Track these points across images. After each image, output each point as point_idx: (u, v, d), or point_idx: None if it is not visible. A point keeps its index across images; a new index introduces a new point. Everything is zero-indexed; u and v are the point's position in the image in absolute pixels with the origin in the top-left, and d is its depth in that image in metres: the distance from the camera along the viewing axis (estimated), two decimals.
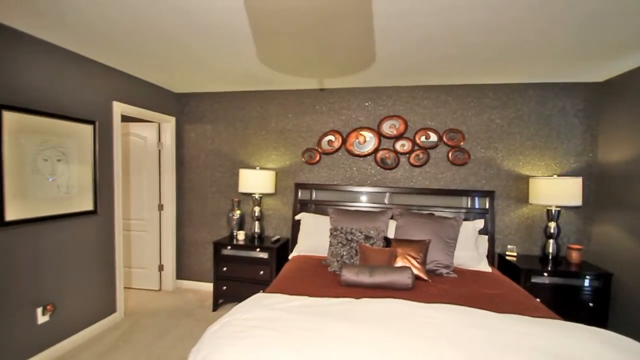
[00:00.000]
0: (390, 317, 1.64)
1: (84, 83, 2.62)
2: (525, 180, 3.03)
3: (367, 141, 3.27)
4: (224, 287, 3.21)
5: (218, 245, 3.21)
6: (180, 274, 3.88)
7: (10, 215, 2.12)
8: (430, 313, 1.69)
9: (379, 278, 2.15)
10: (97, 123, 2.73)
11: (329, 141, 3.36)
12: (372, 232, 2.64)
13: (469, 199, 3.11)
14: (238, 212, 3.45)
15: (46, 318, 2.37)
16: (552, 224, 2.83)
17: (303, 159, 3.45)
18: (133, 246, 3.77)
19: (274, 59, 2.56)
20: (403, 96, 3.23)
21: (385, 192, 3.24)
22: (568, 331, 1.54)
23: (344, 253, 2.56)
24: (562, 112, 2.97)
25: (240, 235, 3.34)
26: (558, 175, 2.90)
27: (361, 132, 3.28)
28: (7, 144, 2.09)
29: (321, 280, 2.33)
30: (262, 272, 3.09)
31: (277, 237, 3.38)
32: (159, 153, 3.72)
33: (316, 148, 3.42)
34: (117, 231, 3.00)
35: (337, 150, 3.36)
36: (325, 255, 2.85)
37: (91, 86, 2.69)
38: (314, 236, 2.99)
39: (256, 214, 3.38)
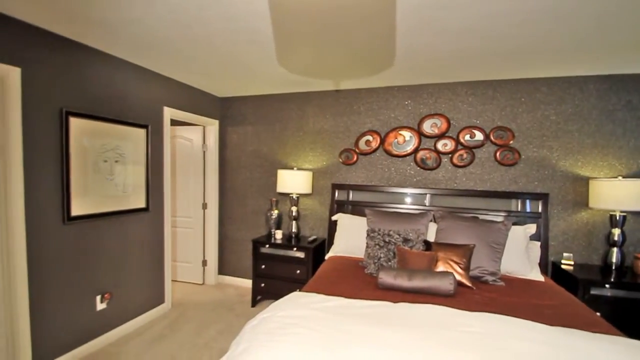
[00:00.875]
0: (430, 323, 1.58)
1: (138, 90, 2.84)
2: (584, 182, 2.76)
3: (407, 141, 3.18)
4: (262, 284, 3.30)
5: (257, 244, 3.31)
6: (222, 270, 4.06)
7: (75, 211, 2.36)
8: (473, 322, 1.60)
9: (418, 282, 2.08)
10: (149, 127, 2.94)
11: (367, 141, 3.32)
12: (411, 234, 2.56)
13: (519, 201, 2.90)
14: (276, 211, 3.53)
15: (104, 305, 2.60)
16: (616, 231, 2.55)
17: (340, 160, 3.45)
18: (179, 242, 4.01)
19: (292, 61, 2.60)
20: (445, 93, 3.10)
21: (426, 194, 3.12)
22: (632, 349, 1.38)
23: (381, 255, 2.51)
24: (628, 107, 2.66)
25: (278, 235, 3.42)
26: (623, 177, 2.61)
27: (400, 132, 3.20)
28: (73, 147, 2.32)
29: (357, 281, 2.31)
30: (298, 271, 3.13)
31: (314, 237, 3.41)
32: (203, 154, 3.92)
33: (353, 148, 3.39)
34: (166, 227, 3.21)
35: (375, 150, 3.30)
36: (362, 256, 2.82)
37: (145, 93, 2.91)
38: (351, 237, 2.97)
39: (293, 214, 3.43)
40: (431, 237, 2.72)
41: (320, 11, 1.75)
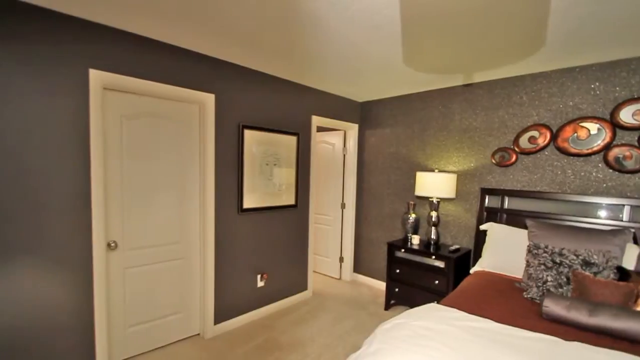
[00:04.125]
0: None
1: (292, 103, 3.26)
2: None
3: (592, 135, 2.45)
4: (396, 289, 3.20)
5: (392, 247, 3.24)
6: (357, 268, 4.18)
7: (245, 204, 2.91)
8: None
9: (605, 321, 1.55)
10: (300, 134, 3.34)
11: (531, 138, 2.74)
12: (595, 257, 1.95)
13: None
14: (413, 215, 3.37)
15: (262, 284, 3.10)
16: None
17: (493, 161, 2.97)
18: (320, 237, 4.38)
19: (419, 59, 2.48)
20: None
21: (623, 205, 2.31)
22: None
23: (549, 278, 2.01)
24: None
25: (415, 240, 3.24)
26: None
27: (582, 124, 2.49)
28: (246, 153, 2.88)
29: (511, 305, 1.92)
30: (437, 282, 2.88)
31: (456, 246, 3.06)
32: (343, 157, 4.16)
33: (512, 147, 2.86)
34: (310, 223, 3.56)
35: (543, 148, 2.69)
36: (519, 276, 2.34)
37: (297, 105, 3.31)
38: (505, 251, 2.51)
39: (433, 219, 3.18)
40: (630, 264, 1.99)
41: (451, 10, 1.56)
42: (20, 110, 1.77)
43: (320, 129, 4.20)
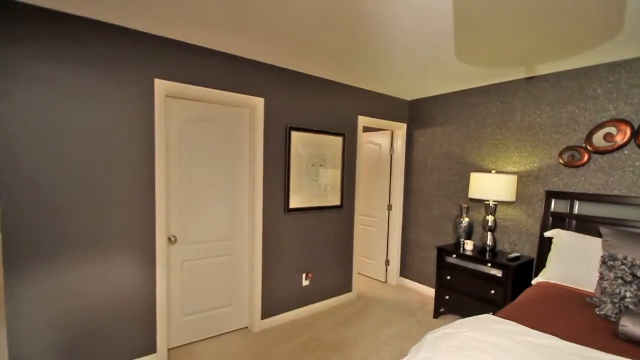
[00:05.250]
0: None
1: (338, 104, 3.26)
2: None
3: None
4: (447, 297, 3.04)
5: (442, 252, 3.09)
6: (404, 272, 4.05)
7: (292, 204, 2.97)
8: None
9: None
10: (345, 135, 3.33)
11: (607, 135, 2.42)
12: None
13: None
14: (466, 219, 3.16)
15: (307, 282, 3.14)
16: None
17: (560, 161, 2.68)
18: (365, 239, 4.30)
19: (472, 52, 2.31)
20: None
21: None
22: None
23: (627, 294, 1.75)
24: None
25: (468, 245, 3.05)
26: None
27: None
28: (292, 154, 2.94)
29: (580, 322, 1.71)
30: (492, 292, 2.67)
31: (516, 254, 2.81)
32: (390, 158, 4.05)
33: (583, 145, 2.56)
34: (356, 225, 3.52)
35: (621, 146, 2.36)
36: (590, 290, 2.08)
37: (343, 105, 3.31)
38: (573, 262, 2.25)
39: (489, 224, 2.96)
40: None
41: None
42: (101, 117, 2.01)
43: (367, 129, 4.14)
